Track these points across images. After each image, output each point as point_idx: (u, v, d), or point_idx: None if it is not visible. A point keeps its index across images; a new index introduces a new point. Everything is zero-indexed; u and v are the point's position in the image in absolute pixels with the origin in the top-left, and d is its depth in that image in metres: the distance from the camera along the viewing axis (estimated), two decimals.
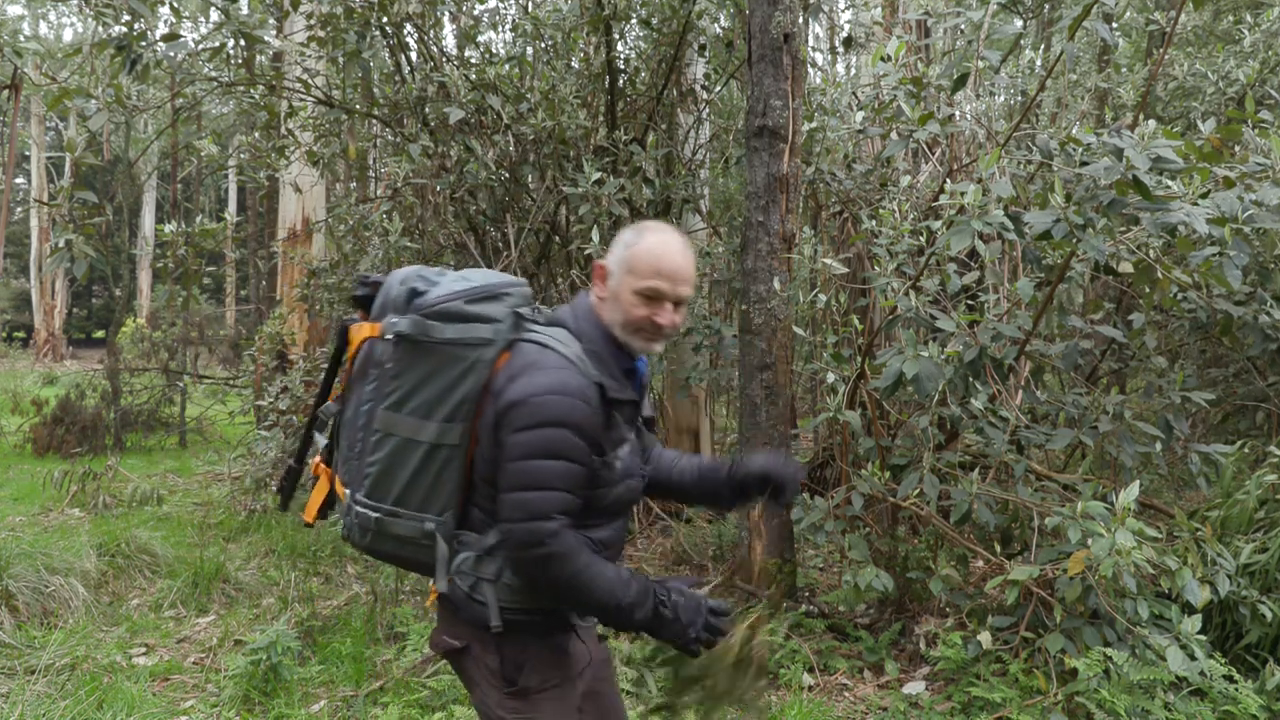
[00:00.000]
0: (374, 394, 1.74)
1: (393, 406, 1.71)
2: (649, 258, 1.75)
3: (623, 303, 1.76)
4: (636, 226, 1.83)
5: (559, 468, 1.64)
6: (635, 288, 1.75)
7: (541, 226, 5.90)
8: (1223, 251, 3.18)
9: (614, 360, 1.77)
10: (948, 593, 3.75)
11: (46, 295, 22.02)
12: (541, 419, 1.63)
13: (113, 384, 9.41)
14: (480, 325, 1.70)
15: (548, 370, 1.67)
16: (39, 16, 23.84)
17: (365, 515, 1.74)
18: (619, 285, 1.77)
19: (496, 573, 1.73)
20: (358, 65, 5.36)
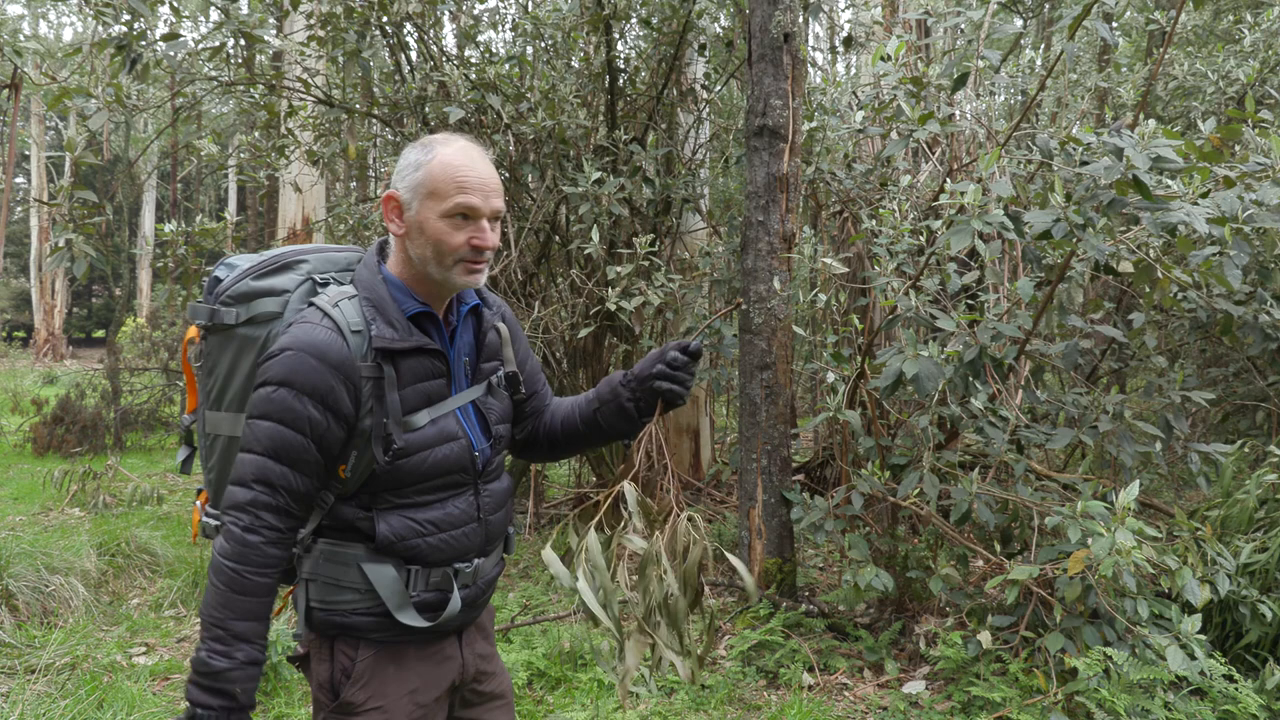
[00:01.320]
0: (201, 396, 1.65)
1: (214, 404, 1.61)
2: (449, 172, 1.51)
3: (429, 232, 1.52)
4: (421, 143, 1.57)
5: (265, 429, 1.46)
6: (442, 210, 1.51)
7: (541, 226, 5.90)
8: (1223, 251, 3.18)
9: (395, 305, 1.55)
10: (948, 592, 3.75)
11: (46, 294, 22.02)
12: (265, 378, 1.48)
13: (113, 383, 9.41)
14: (267, 299, 1.57)
15: (291, 329, 1.50)
16: (39, 16, 23.83)
17: (208, 524, 1.63)
18: (420, 214, 1.53)
19: (313, 569, 1.56)
20: (358, 64, 5.36)
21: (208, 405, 1.63)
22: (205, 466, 1.66)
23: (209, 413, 1.63)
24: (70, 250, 4.93)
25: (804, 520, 3.94)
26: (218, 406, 1.61)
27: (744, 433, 4.47)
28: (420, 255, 1.55)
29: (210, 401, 1.62)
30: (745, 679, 3.77)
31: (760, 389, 4.40)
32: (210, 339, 1.61)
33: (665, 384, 1.69)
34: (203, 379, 1.64)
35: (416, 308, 1.58)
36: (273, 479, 1.46)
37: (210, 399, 1.62)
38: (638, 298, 4.87)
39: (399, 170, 1.57)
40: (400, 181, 1.56)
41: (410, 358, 1.55)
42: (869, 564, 3.75)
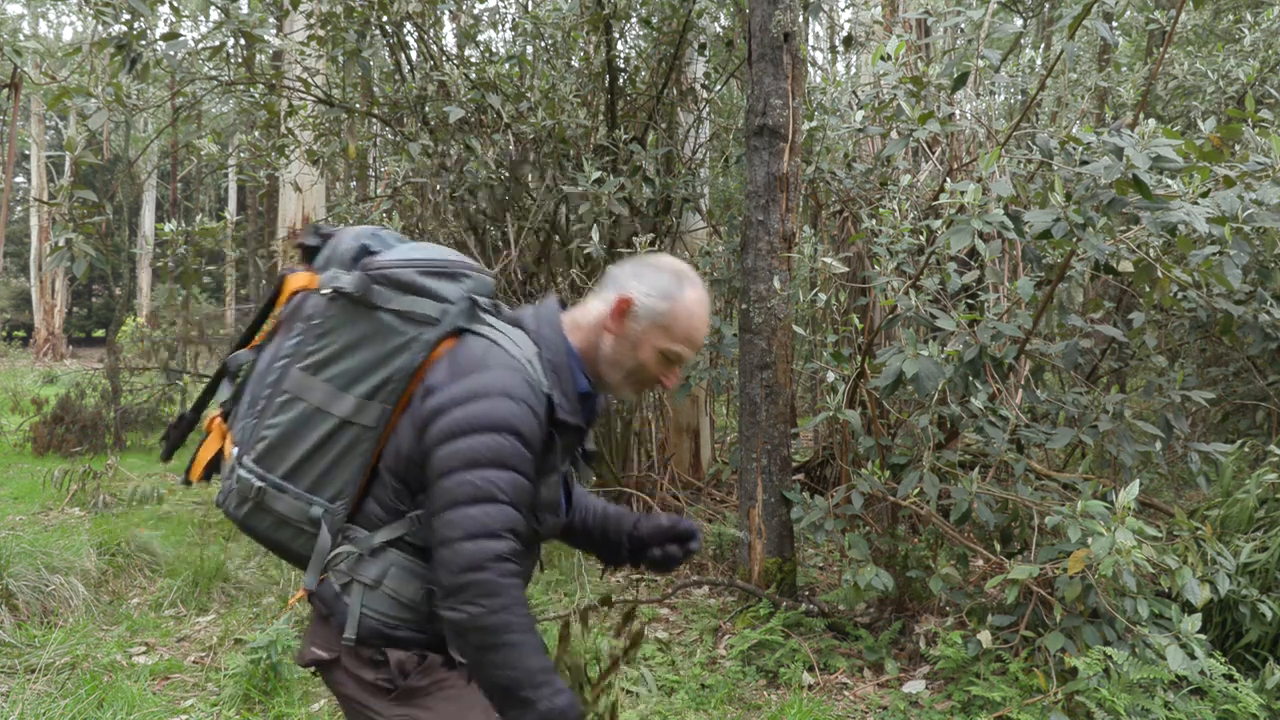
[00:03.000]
0: (293, 350, 1.53)
1: (310, 368, 1.51)
2: (688, 322, 1.58)
3: (640, 353, 1.58)
4: (675, 273, 1.61)
5: (507, 479, 1.42)
6: (662, 346, 1.58)
7: (541, 225, 5.90)
8: (1223, 250, 3.18)
9: (571, 378, 1.57)
10: (948, 591, 3.75)
11: (46, 294, 22.02)
12: (487, 423, 1.42)
13: (113, 383, 9.41)
14: (428, 301, 1.51)
15: (494, 370, 1.47)
16: (39, 15, 23.83)
17: (247, 482, 1.53)
18: (643, 334, 1.58)
19: (377, 578, 1.51)
20: (358, 64, 5.36)
21: (300, 364, 1.52)
22: (261, 419, 1.55)
23: (300, 373, 1.52)
24: (70, 250, 4.93)
25: (804, 520, 3.94)
26: (315, 372, 1.51)
27: (744, 432, 4.46)
28: (612, 357, 1.60)
29: (307, 363, 1.51)
30: (745, 678, 3.77)
31: (760, 388, 4.40)
32: (339, 304, 1.50)
33: (656, 565, 1.85)
34: (307, 337, 1.52)
35: (586, 388, 1.62)
36: (519, 527, 1.45)
37: (309, 362, 1.51)
38: None
39: (644, 281, 1.60)
40: (643, 296, 1.59)
41: (570, 433, 1.58)
42: (869, 563, 3.75)
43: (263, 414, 1.55)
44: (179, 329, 10.83)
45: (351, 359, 1.50)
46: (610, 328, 1.59)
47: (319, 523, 1.52)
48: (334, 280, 1.51)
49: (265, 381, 1.56)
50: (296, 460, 1.52)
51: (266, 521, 1.55)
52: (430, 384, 1.49)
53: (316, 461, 1.52)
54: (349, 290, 1.49)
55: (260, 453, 1.54)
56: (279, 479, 1.53)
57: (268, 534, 1.57)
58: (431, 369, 1.51)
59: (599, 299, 1.64)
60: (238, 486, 1.54)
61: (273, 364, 1.56)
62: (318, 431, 1.51)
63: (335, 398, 1.50)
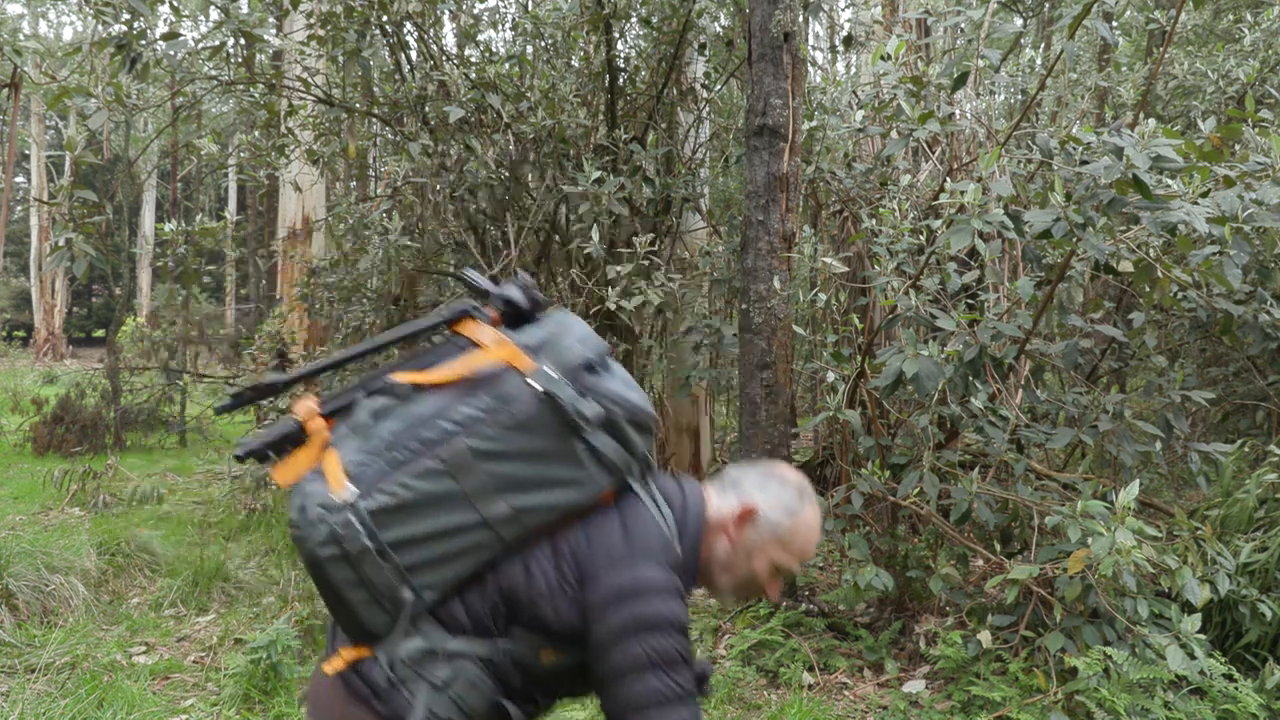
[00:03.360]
0: (468, 422, 1.40)
1: (479, 453, 1.39)
2: (806, 538, 1.60)
3: (755, 564, 1.59)
4: (799, 489, 1.62)
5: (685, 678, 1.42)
6: (778, 560, 1.59)
7: (541, 225, 5.89)
8: (1223, 250, 3.18)
9: (690, 579, 1.55)
10: (948, 591, 3.75)
11: (46, 294, 22.02)
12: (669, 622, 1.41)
13: (113, 383, 9.41)
14: (622, 451, 1.45)
15: (667, 565, 1.45)
16: (39, 15, 23.83)
17: (355, 535, 1.36)
18: (761, 546, 1.58)
19: (446, 681, 1.43)
20: (358, 64, 5.36)
21: (469, 441, 1.39)
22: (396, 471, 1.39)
23: (465, 450, 1.39)
24: (70, 250, 4.93)
25: None
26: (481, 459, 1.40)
27: (744, 432, 4.46)
28: (726, 562, 1.59)
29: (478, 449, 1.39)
30: (745, 678, 3.77)
31: (760, 388, 4.40)
32: (545, 408, 1.39)
33: None
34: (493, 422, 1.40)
35: (691, 584, 1.58)
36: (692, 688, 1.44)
37: (480, 447, 1.40)
38: (638, 297, 4.87)
39: (769, 494, 1.59)
40: (766, 510, 1.58)
41: None
42: (869, 563, 3.75)
43: (401, 466, 1.39)
44: (179, 329, 10.83)
45: (524, 466, 1.40)
46: (730, 534, 1.58)
47: (401, 605, 1.39)
48: (552, 383, 1.41)
49: (419, 435, 1.41)
50: (415, 535, 1.39)
51: (346, 575, 1.38)
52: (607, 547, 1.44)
53: (433, 546, 1.39)
54: (563, 405, 1.40)
55: (380, 507, 1.37)
56: (387, 542, 1.37)
57: (338, 586, 1.39)
58: (600, 523, 1.46)
59: (719, 497, 1.62)
60: (338, 530, 1.36)
61: (437, 420, 1.41)
62: (452, 518, 1.39)
63: (489, 496, 1.39)
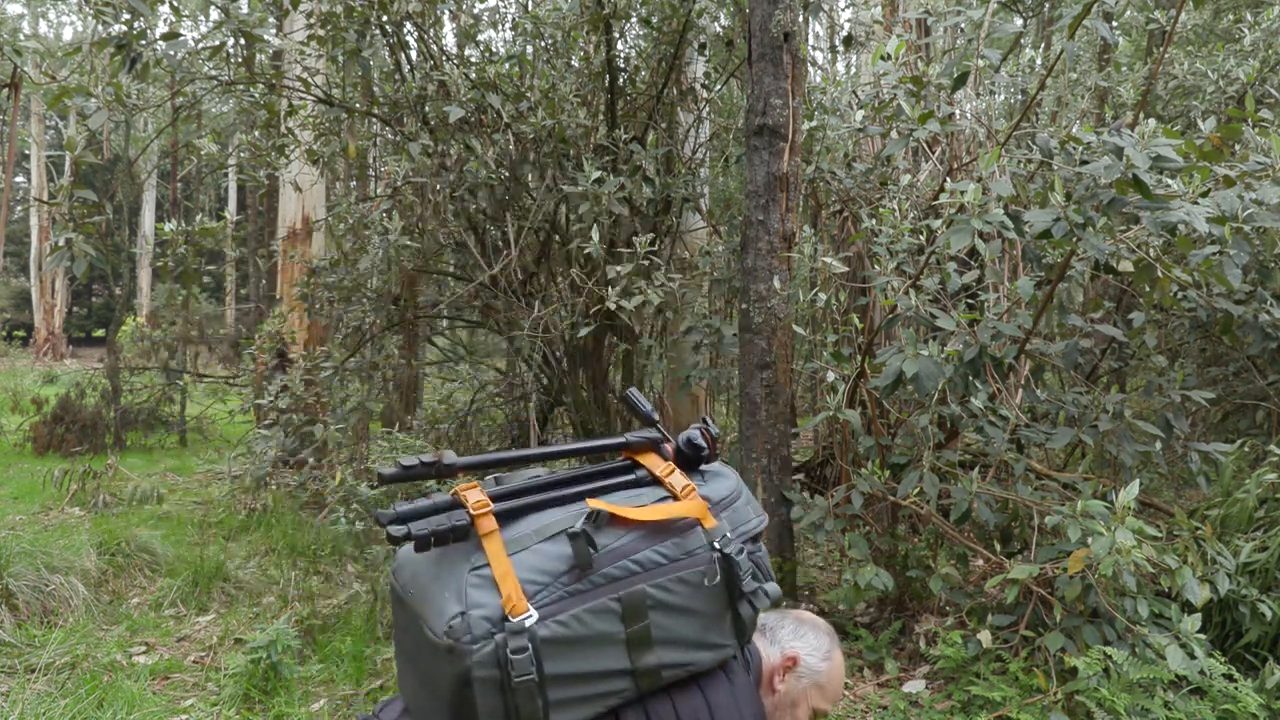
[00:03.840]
0: (649, 568, 1.33)
1: (651, 602, 1.32)
2: (839, 682, 1.67)
3: (797, 712, 1.63)
4: (828, 631, 1.69)
5: None
6: (817, 706, 1.64)
7: (541, 225, 5.90)
8: (1223, 250, 3.18)
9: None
10: (947, 591, 3.75)
11: (46, 294, 22.02)
12: None
13: (113, 383, 9.42)
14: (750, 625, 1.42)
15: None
16: (39, 15, 23.82)
17: (525, 661, 1.22)
18: (803, 693, 1.63)
19: None
20: (358, 64, 5.36)
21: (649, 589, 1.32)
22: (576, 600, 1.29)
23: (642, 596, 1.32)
24: (70, 249, 4.93)
25: (804, 519, 3.94)
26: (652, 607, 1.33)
27: (744, 432, 4.46)
28: (770, 716, 1.60)
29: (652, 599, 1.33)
30: None
31: (760, 388, 4.39)
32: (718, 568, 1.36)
33: None
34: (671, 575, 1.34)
35: None
36: None
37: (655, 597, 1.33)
38: (638, 297, 4.87)
39: (807, 642, 1.64)
40: (806, 656, 1.63)
41: None
42: (869, 563, 3.75)
43: (580, 597, 1.29)
44: (179, 329, 10.84)
45: (686, 623, 1.35)
46: (774, 685, 1.60)
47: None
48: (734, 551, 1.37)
49: (604, 569, 1.31)
50: (569, 672, 1.26)
51: (493, 703, 1.22)
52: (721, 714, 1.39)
53: (580, 686, 1.28)
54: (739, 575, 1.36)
55: (554, 637, 1.25)
56: (548, 677, 1.25)
57: (478, 713, 1.23)
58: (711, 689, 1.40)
59: (758, 642, 1.62)
60: (511, 655, 1.22)
61: (624, 559, 1.33)
62: (606, 661, 1.30)
63: (646, 646, 1.32)
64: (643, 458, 1.46)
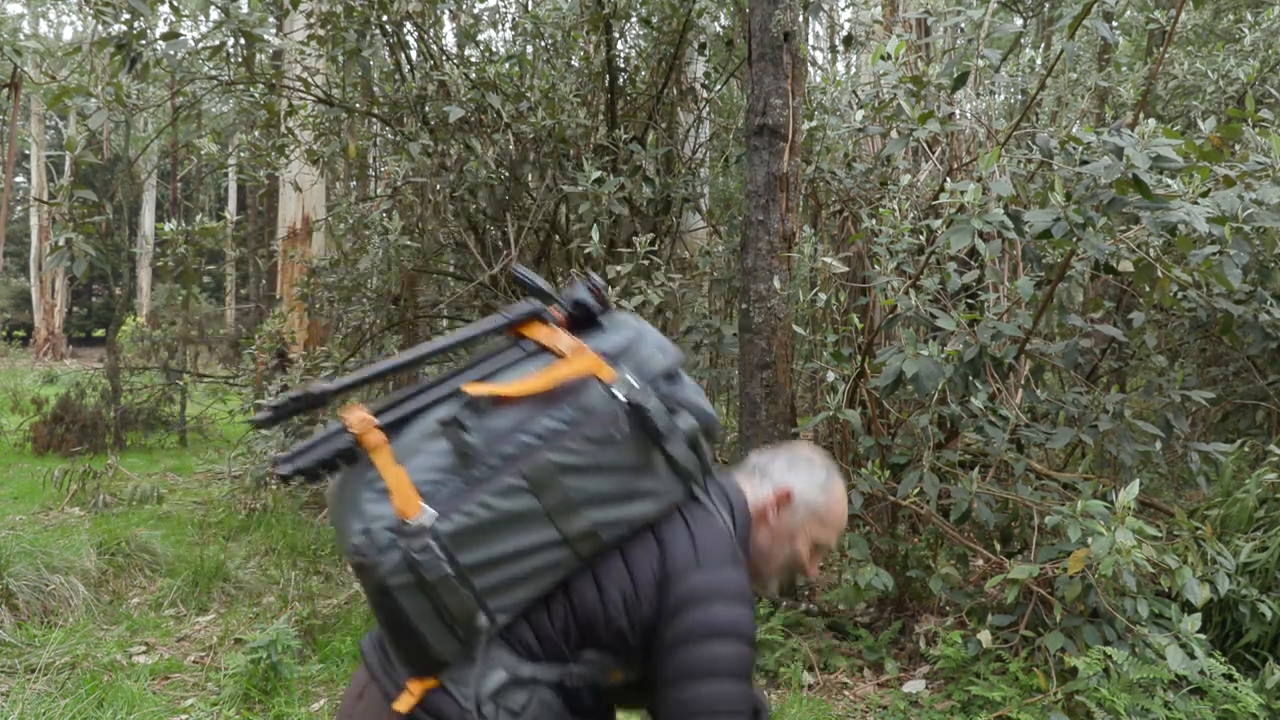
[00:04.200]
0: (549, 436, 1.33)
1: (560, 468, 1.32)
2: (840, 513, 1.60)
3: (796, 544, 1.57)
4: (825, 464, 1.62)
5: (740, 693, 1.38)
6: (818, 538, 1.58)
7: (541, 225, 5.90)
8: (1223, 250, 3.18)
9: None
10: (948, 591, 3.75)
11: (46, 294, 22.01)
12: (736, 632, 1.37)
13: (113, 383, 9.41)
14: (696, 460, 1.42)
15: (737, 570, 1.42)
16: (39, 15, 23.83)
17: (435, 562, 1.27)
18: (801, 526, 1.57)
19: (522, 706, 1.39)
20: (358, 64, 5.36)
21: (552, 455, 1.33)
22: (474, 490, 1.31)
23: (548, 465, 1.32)
24: (70, 249, 4.93)
25: None
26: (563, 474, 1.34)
27: (744, 432, 4.46)
28: (769, 552, 1.57)
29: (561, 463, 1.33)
30: None
31: (760, 388, 4.39)
32: (630, 419, 1.34)
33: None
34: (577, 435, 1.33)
35: None
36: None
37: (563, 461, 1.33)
38: (638, 297, 4.87)
39: (799, 475, 1.58)
40: (801, 489, 1.57)
41: None
42: (869, 563, 3.75)
43: (478, 485, 1.31)
44: (179, 329, 10.83)
45: (607, 480, 1.35)
46: (769, 520, 1.57)
47: (478, 632, 1.32)
48: (637, 395, 1.34)
49: (498, 450, 1.32)
50: (493, 557, 1.31)
51: (419, 605, 1.29)
52: (676, 556, 1.39)
53: (510, 567, 1.32)
54: (649, 417, 1.34)
55: (459, 528, 1.29)
56: (465, 567, 1.30)
57: (409, 616, 1.30)
58: (669, 532, 1.41)
59: (750, 485, 1.59)
60: (415, 557, 1.27)
61: (516, 434, 1.33)
62: (531, 537, 1.32)
63: (569, 511, 1.33)
64: (529, 331, 1.44)
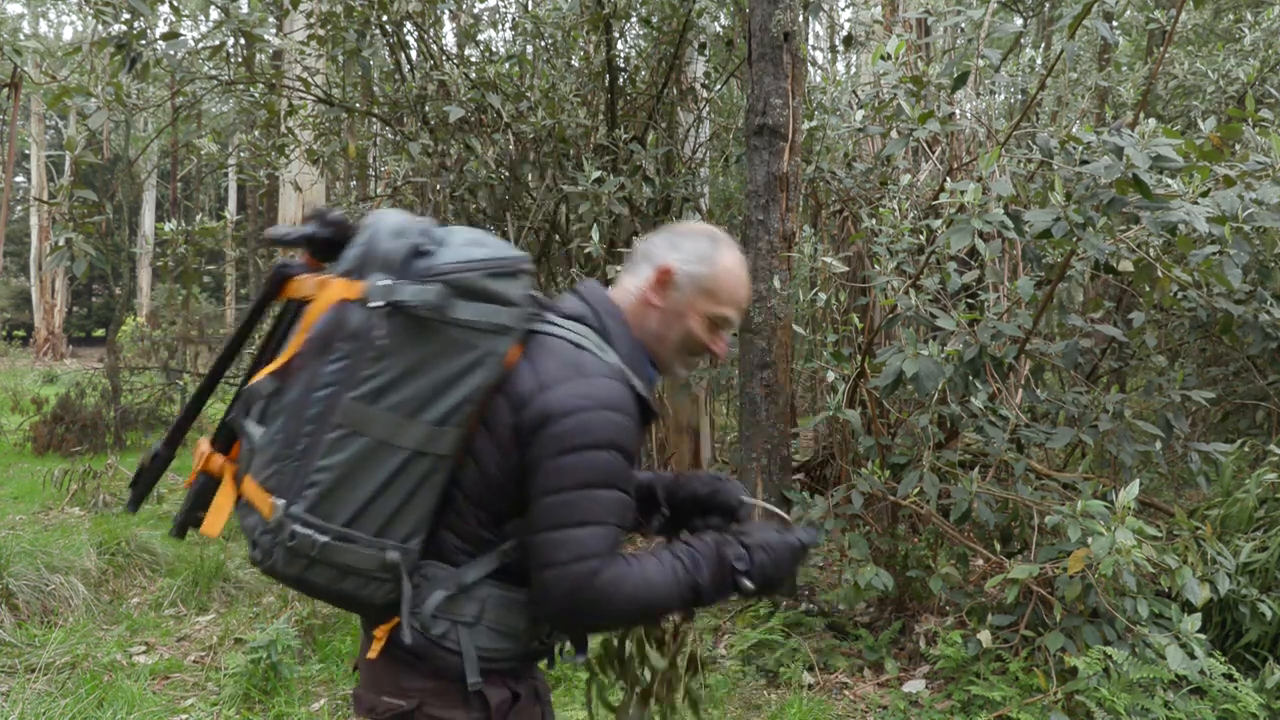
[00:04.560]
0: (339, 377, 1.31)
1: (366, 397, 1.30)
2: (732, 283, 1.53)
3: (687, 322, 1.52)
4: (710, 235, 1.55)
5: (613, 499, 1.35)
6: (710, 312, 1.53)
7: (541, 225, 5.90)
8: (1223, 250, 3.18)
9: (644, 368, 1.50)
10: (948, 591, 3.75)
11: (46, 294, 22.01)
12: (593, 440, 1.33)
13: (113, 382, 9.41)
14: (501, 308, 1.35)
15: (593, 379, 1.37)
16: (39, 15, 23.83)
17: (306, 538, 1.31)
18: (688, 303, 1.52)
19: (477, 615, 1.41)
20: (358, 63, 5.36)
21: (353, 393, 1.30)
22: (306, 461, 1.33)
23: (354, 403, 1.30)
24: (70, 249, 4.94)
25: (804, 519, 3.94)
26: (373, 401, 1.30)
27: (744, 432, 4.46)
28: (659, 332, 1.53)
29: (364, 393, 1.30)
30: (745, 678, 3.78)
31: (760, 388, 4.39)
32: (398, 319, 1.29)
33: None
34: (358, 360, 1.30)
35: (653, 374, 1.54)
36: (619, 546, 1.38)
37: (365, 390, 1.30)
38: None
39: (680, 250, 1.53)
40: (681, 263, 1.52)
41: (647, 424, 1.50)
42: (869, 563, 3.75)
43: (308, 455, 1.33)
44: (179, 329, 10.83)
45: (418, 381, 1.32)
46: (653, 301, 1.52)
47: (395, 568, 1.36)
48: (389, 292, 1.29)
49: (305, 416, 1.33)
50: (361, 503, 1.33)
51: (328, 575, 1.36)
52: (521, 394, 1.37)
53: (385, 502, 1.34)
54: (412, 305, 1.29)
55: (314, 500, 1.32)
56: (342, 527, 1.33)
57: (328, 587, 1.37)
58: (512, 379, 1.38)
59: (631, 275, 1.56)
60: (291, 544, 1.32)
61: (310, 394, 1.33)
62: (384, 468, 1.33)
63: (402, 428, 1.32)
64: (292, 291, 1.42)
